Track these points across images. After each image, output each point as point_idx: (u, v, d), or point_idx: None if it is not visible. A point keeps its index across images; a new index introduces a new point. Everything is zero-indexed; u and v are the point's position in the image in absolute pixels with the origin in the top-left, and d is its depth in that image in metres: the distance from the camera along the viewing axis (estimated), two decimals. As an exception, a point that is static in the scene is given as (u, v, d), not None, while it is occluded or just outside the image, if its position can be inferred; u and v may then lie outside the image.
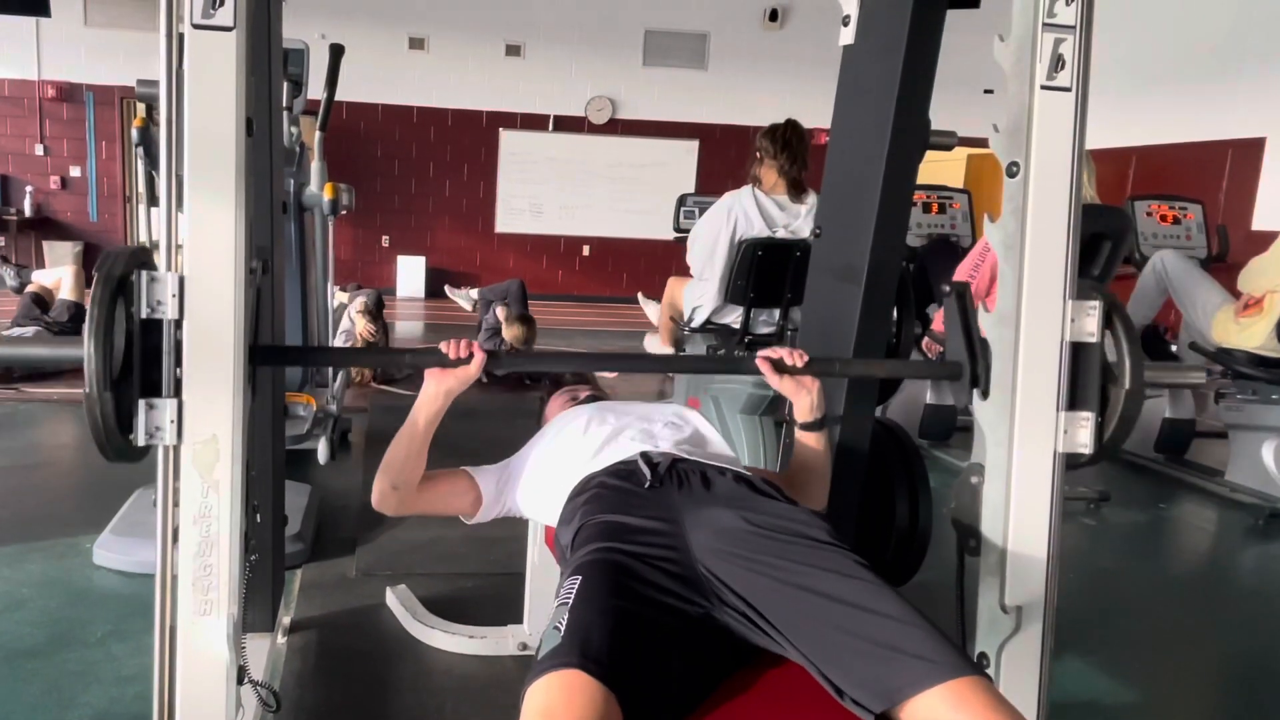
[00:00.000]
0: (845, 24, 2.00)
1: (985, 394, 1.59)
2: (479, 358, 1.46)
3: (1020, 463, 1.53)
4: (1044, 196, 1.50)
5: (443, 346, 1.48)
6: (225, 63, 1.20)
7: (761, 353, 1.58)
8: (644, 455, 1.56)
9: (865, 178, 1.98)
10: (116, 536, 2.73)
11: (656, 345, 3.58)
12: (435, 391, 1.52)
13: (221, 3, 1.18)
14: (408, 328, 7.92)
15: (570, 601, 1.23)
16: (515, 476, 1.72)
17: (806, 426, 1.66)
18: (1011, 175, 1.53)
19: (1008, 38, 1.51)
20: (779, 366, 1.57)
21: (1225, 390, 3.95)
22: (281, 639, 2.28)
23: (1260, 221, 7.63)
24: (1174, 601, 3.02)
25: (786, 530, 1.34)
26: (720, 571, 1.32)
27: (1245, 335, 3.76)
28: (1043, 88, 1.48)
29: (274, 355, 1.81)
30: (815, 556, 1.29)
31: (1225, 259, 4.45)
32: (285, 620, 2.36)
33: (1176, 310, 4.18)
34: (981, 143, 1.58)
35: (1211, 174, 8.05)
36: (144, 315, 1.18)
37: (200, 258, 1.21)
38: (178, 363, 1.20)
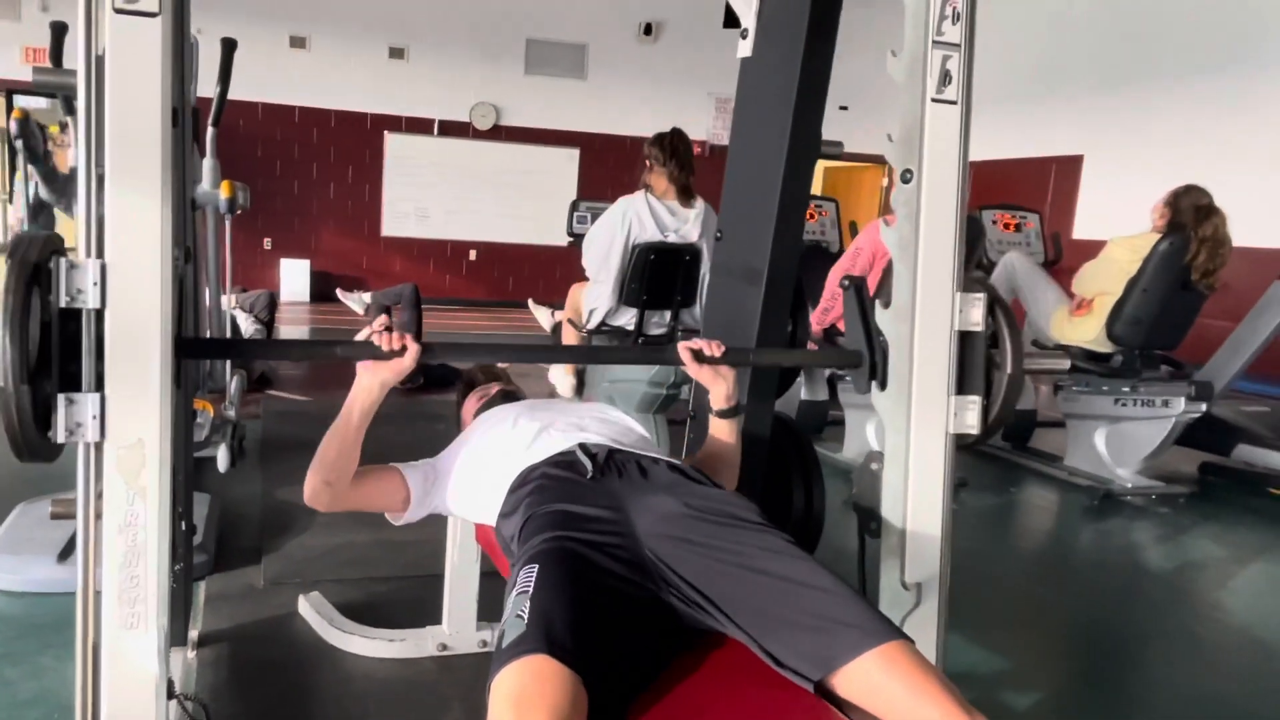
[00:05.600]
0: (744, 37, 2.09)
1: (883, 385, 1.71)
2: (413, 349, 1.45)
3: (917, 449, 1.66)
4: (935, 200, 1.64)
5: (375, 338, 1.45)
6: (150, 50, 1.14)
7: (682, 344, 1.65)
8: (581, 446, 1.59)
9: (764, 183, 2.07)
10: (1, 554, 2.52)
11: (560, 375, 3.58)
12: (369, 384, 1.49)
13: (143, -13, 1.13)
14: (292, 332, 7.55)
15: (531, 589, 1.24)
16: (443, 476, 1.71)
17: (722, 414, 1.74)
18: (906, 181, 1.66)
19: (900, 54, 1.63)
20: (699, 357, 1.64)
21: (1062, 383, 4.35)
22: (192, 653, 2.17)
23: (1080, 231, 8.41)
24: (1025, 575, 3.31)
25: (722, 513, 1.41)
26: (665, 555, 1.36)
27: (1078, 332, 4.20)
28: (933, 100, 1.61)
29: (201, 348, 1.71)
30: (750, 537, 1.36)
31: (1059, 263, 4.90)
32: (193, 634, 2.25)
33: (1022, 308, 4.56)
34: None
35: (1039, 187, 8.81)
36: (63, 304, 1.11)
37: (124, 243, 1.14)
38: (99, 356, 1.13)
